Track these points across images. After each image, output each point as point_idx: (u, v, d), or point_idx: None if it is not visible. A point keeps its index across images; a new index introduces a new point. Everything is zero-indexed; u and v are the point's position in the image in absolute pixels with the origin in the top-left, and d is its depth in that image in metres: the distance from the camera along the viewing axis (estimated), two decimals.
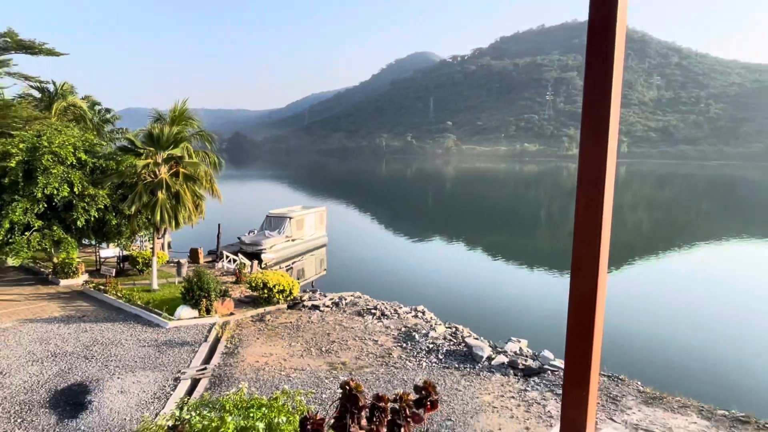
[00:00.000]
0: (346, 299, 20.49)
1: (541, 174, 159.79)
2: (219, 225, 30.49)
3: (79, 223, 19.32)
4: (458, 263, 37.08)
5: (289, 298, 20.17)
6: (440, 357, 14.53)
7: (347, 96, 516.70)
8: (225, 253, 28.41)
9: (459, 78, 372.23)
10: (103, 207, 20.05)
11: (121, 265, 25.34)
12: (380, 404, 2.81)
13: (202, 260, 28.61)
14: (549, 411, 11.21)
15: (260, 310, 19.20)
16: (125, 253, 25.46)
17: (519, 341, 15.61)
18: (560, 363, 13.67)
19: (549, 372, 13.34)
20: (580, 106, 2.39)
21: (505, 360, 14.05)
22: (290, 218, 34.47)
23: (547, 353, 14.15)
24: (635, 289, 29.55)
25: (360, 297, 21.13)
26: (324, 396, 11.88)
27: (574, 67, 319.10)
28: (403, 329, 16.94)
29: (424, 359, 14.40)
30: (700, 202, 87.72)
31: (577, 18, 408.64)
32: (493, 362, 14.00)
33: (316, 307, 19.53)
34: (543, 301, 25.54)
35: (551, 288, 28.68)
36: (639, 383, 12.56)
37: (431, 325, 17.22)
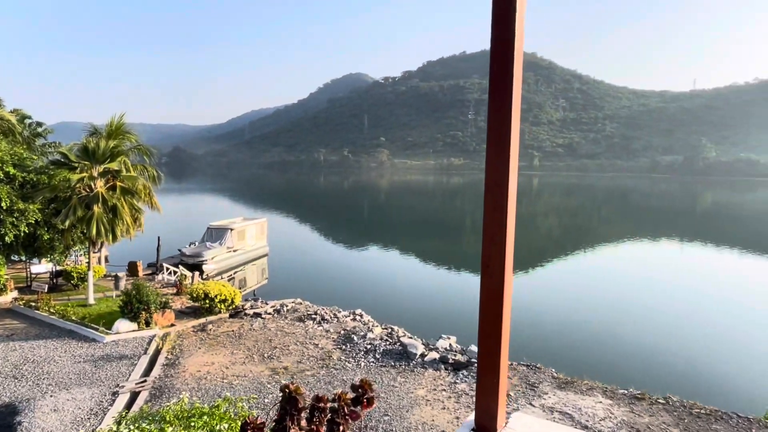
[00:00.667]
0: (287, 306, 20.04)
1: (466, 185, 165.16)
2: (159, 238, 28.89)
3: (7, 238, 17.60)
4: (393, 268, 37.40)
5: (231, 308, 19.42)
6: (377, 356, 14.53)
7: (286, 113, 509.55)
8: (165, 265, 26.93)
9: (391, 98, 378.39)
10: (33, 222, 18.40)
11: (55, 281, 23.33)
12: (319, 404, 2.76)
13: (141, 273, 26.94)
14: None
15: (202, 320, 18.34)
16: (59, 268, 23.48)
17: (449, 338, 15.93)
18: None
19: (473, 365, 13.70)
20: None
21: (437, 356, 14.28)
22: (231, 229, 33.33)
23: (474, 347, 14.54)
24: (549, 285, 31.13)
25: (301, 303, 20.74)
26: (266, 401, 11.50)
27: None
28: (342, 332, 16.79)
29: (363, 359, 14.34)
30: (600, 209, 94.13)
31: None
32: (426, 359, 14.18)
33: (258, 315, 18.93)
34: (470, 300, 26.26)
35: (477, 288, 29.57)
36: (553, 370, 13.18)
37: (369, 327, 17.20)
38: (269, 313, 19.10)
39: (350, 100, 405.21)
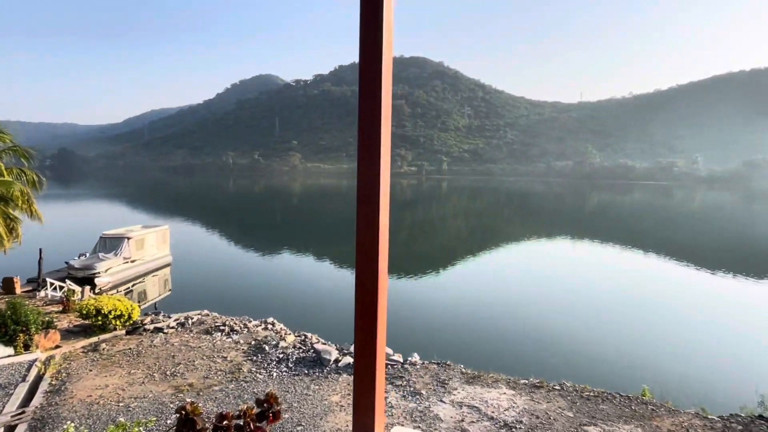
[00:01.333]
0: (192, 318, 18.89)
1: None
2: (41, 250, 25.87)
3: None
4: (307, 274, 36.86)
5: (128, 323, 17.88)
6: (290, 365, 14.19)
7: (191, 113, 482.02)
8: (49, 280, 24.15)
9: (303, 100, 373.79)
10: None
11: None
12: (222, 424, 2.60)
13: (19, 290, 23.91)
14: (390, 402, 11.66)
15: (93, 339, 16.68)
16: None
17: None
18: (398, 357, 14.35)
19: (389, 366, 13.89)
20: (410, 129, 2.56)
21: (351, 360, 14.28)
22: (128, 239, 30.76)
23: (389, 349, 14.75)
24: (459, 284, 32.55)
25: (208, 315, 19.66)
26: (169, 422, 10.72)
27: (403, 96, 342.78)
28: (253, 343, 16.18)
29: (275, 369, 13.92)
30: (503, 210, 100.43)
31: (404, 54, 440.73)
32: (339, 364, 14.11)
33: (159, 330, 17.63)
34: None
35: (390, 291, 30.09)
36: (462, 366, 13.77)
37: (281, 336, 16.76)
38: (172, 327, 17.88)
39: (260, 101, 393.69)
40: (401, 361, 14.19)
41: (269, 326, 18.20)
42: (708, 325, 24.19)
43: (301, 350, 15.32)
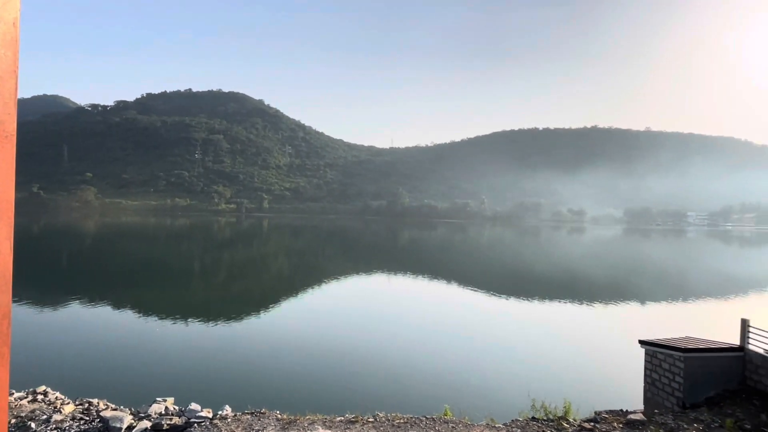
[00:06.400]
0: None
1: (194, 227, 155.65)
2: None
3: None
4: (99, 327, 31.45)
5: None
6: None
7: None
8: None
9: (101, 128, 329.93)
10: None
11: None
12: None
13: None
14: None
15: None
16: None
17: (165, 400, 14.12)
18: (207, 413, 13.04)
19: (196, 425, 12.49)
20: (229, 166, 2.30)
21: (149, 425, 12.41)
22: None
23: (194, 406, 13.26)
24: (279, 325, 31.57)
25: None
26: None
27: (221, 131, 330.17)
28: (12, 421, 12.89)
29: None
30: (324, 248, 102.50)
31: (222, 88, 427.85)
32: (134, 431, 12.14)
33: None
34: (194, 353, 24.21)
35: (203, 337, 27.58)
36: (278, 412, 13.16)
37: (55, 407, 13.73)
38: None
39: (43, 125, 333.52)
40: (210, 416, 12.91)
41: (39, 396, 14.80)
42: (492, 342, 28.04)
43: (83, 421, 12.76)
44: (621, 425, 12.27)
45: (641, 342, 16.65)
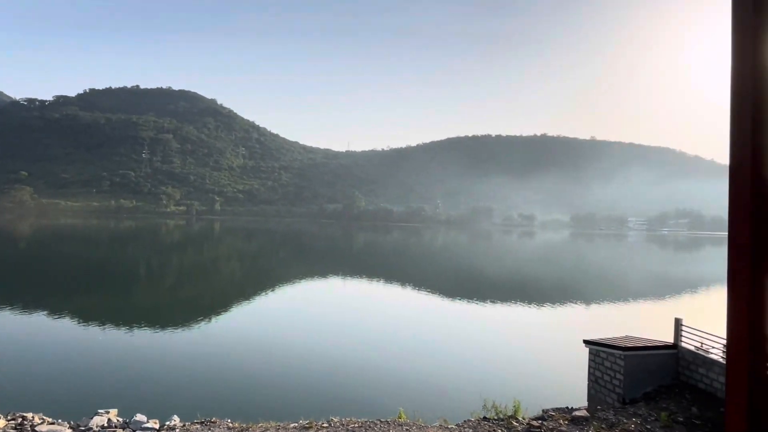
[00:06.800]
0: None
1: (140, 230, 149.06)
2: None
3: None
4: (33, 336, 29.48)
5: None
6: None
7: None
8: None
9: (38, 124, 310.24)
10: None
11: None
12: None
13: None
14: None
15: None
16: None
17: (108, 412, 13.42)
18: (154, 424, 12.53)
19: None
20: (179, 166, 2.24)
21: None
22: None
23: (139, 417, 12.70)
24: (231, 330, 30.73)
25: None
26: None
27: (170, 130, 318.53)
28: None
29: None
30: (278, 251, 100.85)
31: (173, 85, 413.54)
32: None
33: None
34: (139, 361, 23.18)
35: (149, 344, 26.45)
36: (229, 421, 12.83)
37: None
38: None
39: None
40: (156, 428, 12.41)
41: None
42: (446, 344, 28.53)
43: None
44: (566, 422, 12.81)
45: (585, 342, 17.47)
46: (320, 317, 35.51)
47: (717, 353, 15.99)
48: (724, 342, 13.89)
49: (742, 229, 1.30)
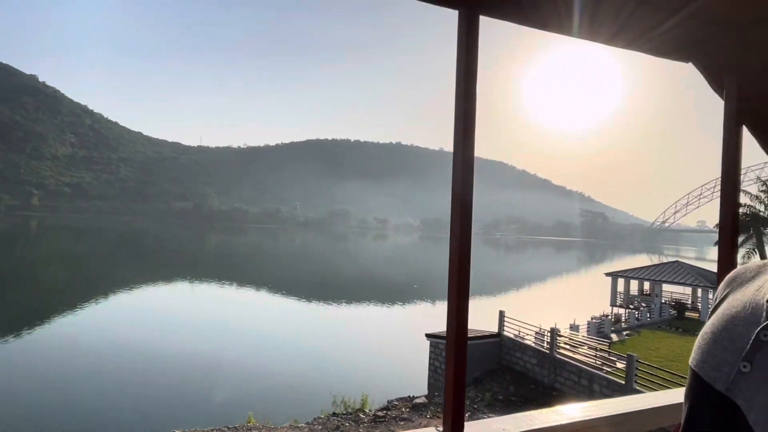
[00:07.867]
0: None
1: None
2: None
3: None
4: None
5: None
6: None
7: None
8: None
9: None
10: None
11: None
12: None
13: None
14: None
15: None
16: None
17: None
18: None
19: None
20: None
21: None
22: None
23: None
24: (48, 348, 26.59)
25: None
26: None
27: None
28: None
29: None
30: (114, 253, 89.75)
31: None
32: None
33: None
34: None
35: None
36: None
37: None
38: None
39: None
40: None
41: None
42: (297, 345, 28.59)
43: None
44: (408, 409, 13.96)
45: (427, 335, 19.16)
46: (161, 325, 32.69)
47: (530, 339, 18.93)
48: (537, 329, 16.45)
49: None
